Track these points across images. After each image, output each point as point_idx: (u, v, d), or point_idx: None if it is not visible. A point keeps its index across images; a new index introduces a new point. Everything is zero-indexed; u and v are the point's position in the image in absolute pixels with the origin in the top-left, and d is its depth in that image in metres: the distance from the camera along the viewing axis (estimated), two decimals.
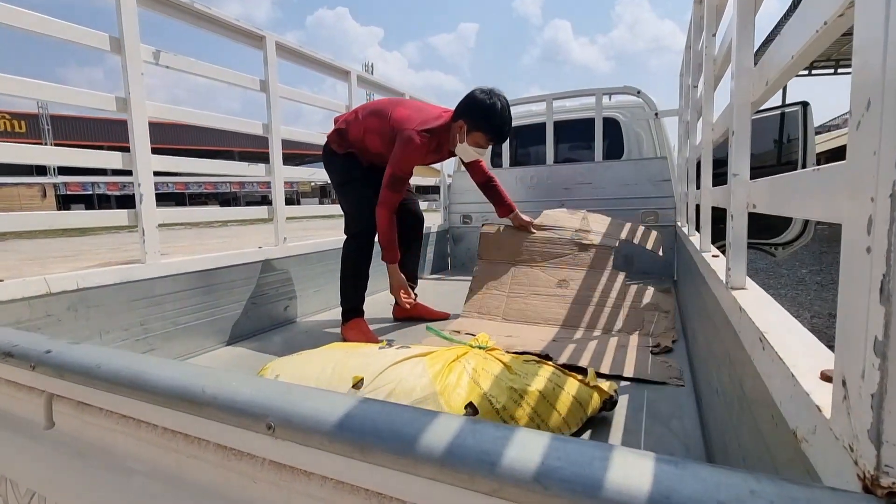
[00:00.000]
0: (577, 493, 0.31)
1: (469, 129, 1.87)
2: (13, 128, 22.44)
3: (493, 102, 1.82)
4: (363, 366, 1.06)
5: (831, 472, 0.34)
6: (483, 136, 1.87)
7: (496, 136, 1.89)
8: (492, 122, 1.84)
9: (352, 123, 2.00)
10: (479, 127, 1.86)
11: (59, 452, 0.71)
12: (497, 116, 1.83)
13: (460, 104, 1.90)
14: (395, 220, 1.91)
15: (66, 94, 1.49)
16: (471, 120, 1.85)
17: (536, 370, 1.09)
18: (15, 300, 1.32)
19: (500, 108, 1.83)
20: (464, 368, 1.05)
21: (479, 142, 1.89)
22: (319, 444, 0.41)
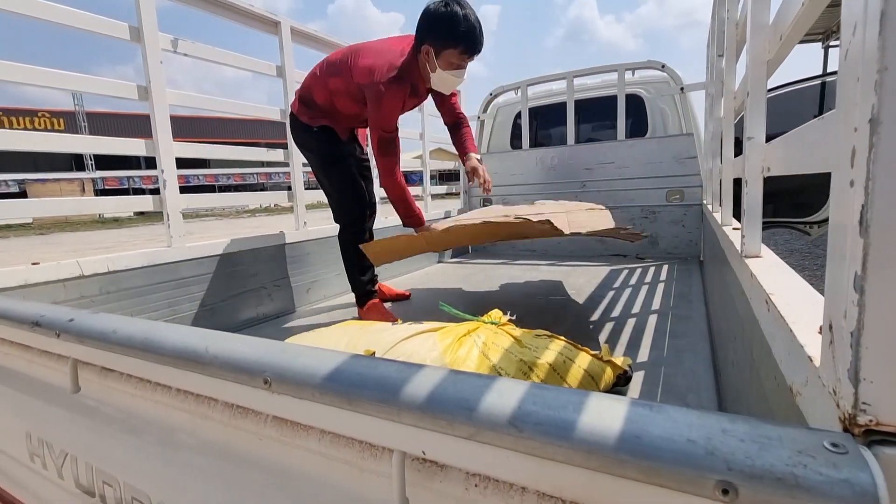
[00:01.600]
0: (549, 435, 0.31)
1: (437, 50, 1.62)
2: (53, 125, 23.52)
3: (452, 9, 1.57)
4: (375, 341, 1.08)
5: (818, 420, 0.33)
6: (454, 53, 1.62)
7: (468, 45, 1.61)
8: (458, 31, 1.58)
9: (314, 87, 1.81)
10: (446, 44, 1.61)
11: (86, 416, 0.76)
12: (461, 21, 1.57)
13: (418, 27, 1.65)
14: (401, 177, 1.79)
15: (91, 84, 1.55)
16: (435, 39, 1.61)
17: (547, 344, 1.09)
18: (50, 282, 1.40)
19: (461, 13, 1.57)
20: (474, 342, 1.06)
21: (453, 60, 1.64)
22: (311, 397, 0.43)
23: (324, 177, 1.91)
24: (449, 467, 0.40)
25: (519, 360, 1.02)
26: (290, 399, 0.45)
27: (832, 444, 0.26)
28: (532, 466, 0.33)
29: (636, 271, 2.71)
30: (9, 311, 0.80)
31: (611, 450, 0.29)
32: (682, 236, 3.13)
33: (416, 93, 1.77)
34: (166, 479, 0.66)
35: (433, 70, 1.66)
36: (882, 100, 0.24)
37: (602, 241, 3.35)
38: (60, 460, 0.81)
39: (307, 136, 1.87)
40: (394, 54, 1.68)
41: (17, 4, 1.33)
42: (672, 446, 0.28)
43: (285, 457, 0.54)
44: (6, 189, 21.72)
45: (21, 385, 0.89)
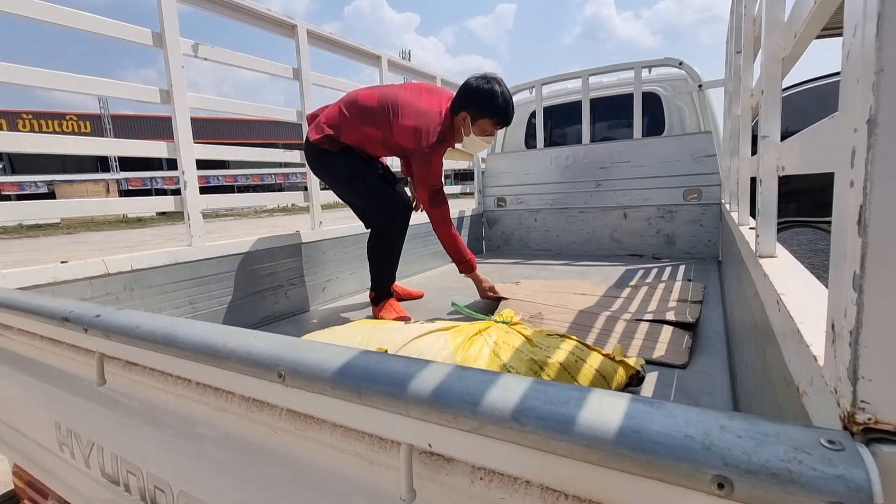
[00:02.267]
0: (550, 429, 0.32)
1: (473, 118, 1.86)
2: (80, 128, 24.28)
3: (492, 87, 1.83)
4: (387, 339, 1.09)
5: (822, 419, 0.33)
6: (489, 122, 1.87)
7: (502, 119, 1.88)
8: (496, 106, 1.84)
9: (344, 128, 1.90)
10: (483, 114, 1.85)
11: (111, 408, 0.79)
12: (499, 98, 1.83)
13: (459, 95, 1.88)
14: (453, 226, 1.99)
15: (117, 89, 1.60)
16: (474, 109, 1.85)
17: (558, 343, 1.09)
18: (78, 279, 1.45)
19: (499, 90, 1.84)
20: (485, 341, 1.07)
21: (486, 129, 1.88)
22: (323, 390, 0.44)
23: (348, 191, 2.02)
24: (455, 461, 0.41)
25: (530, 360, 1.02)
26: (303, 392, 0.46)
27: (829, 441, 0.26)
28: (534, 460, 0.34)
29: (652, 271, 2.68)
30: (40, 306, 0.84)
31: (610, 444, 0.29)
32: (699, 236, 3.08)
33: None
34: (186, 469, 0.69)
35: (467, 134, 1.89)
36: (879, 101, 0.24)
37: (618, 240, 3.32)
38: (87, 450, 0.85)
39: (327, 157, 1.94)
40: (434, 116, 1.86)
41: (54, 15, 1.40)
42: (670, 441, 0.28)
43: (299, 449, 0.55)
44: (36, 190, 22.49)
45: (51, 378, 0.93)
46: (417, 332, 1.11)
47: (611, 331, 1.54)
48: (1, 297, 0.95)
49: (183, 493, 0.68)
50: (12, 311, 0.91)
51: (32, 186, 22.54)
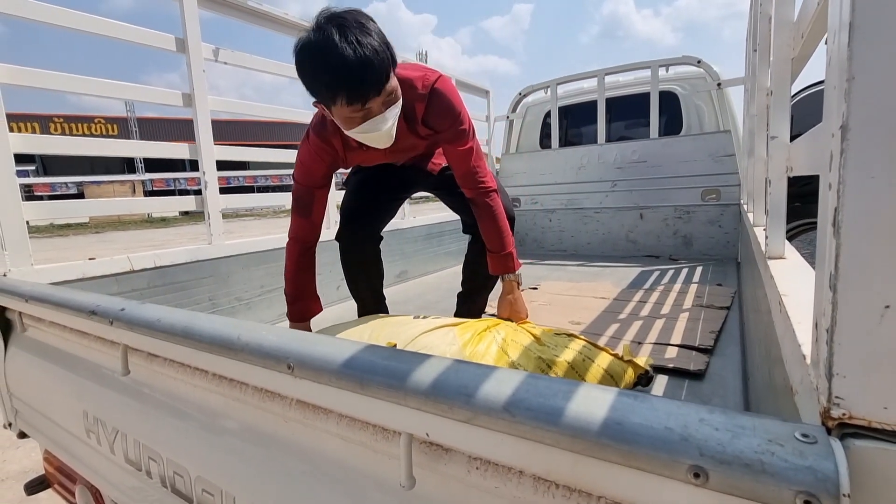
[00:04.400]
0: (539, 420, 0.33)
1: (325, 109, 1.08)
2: (108, 131, 25.09)
3: (297, 44, 0.99)
4: (396, 334, 1.11)
5: (808, 417, 0.34)
6: (334, 107, 1.03)
7: (326, 93, 0.99)
8: (306, 78, 1.01)
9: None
10: (315, 97, 1.05)
11: (134, 397, 0.83)
12: (302, 61, 0.99)
13: None
14: (303, 262, 1.40)
15: (143, 93, 1.67)
16: (309, 93, 1.05)
17: (567, 343, 1.10)
18: (105, 276, 1.52)
19: (304, 44, 0.97)
20: (493, 338, 1.08)
21: (341, 115, 1.04)
22: (329, 381, 0.47)
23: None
24: (453, 451, 0.43)
25: (537, 358, 1.03)
26: (311, 384, 0.49)
27: (802, 435, 0.27)
28: (524, 449, 0.35)
29: (668, 272, 2.65)
30: (70, 300, 0.89)
31: (593, 434, 0.31)
32: (718, 237, 3.02)
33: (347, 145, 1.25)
34: (203, 456, 0.72)
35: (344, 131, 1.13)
36: (850, 108, 0.25)
37: (634, 241, 3.28)
38: (112, 437, 0.89)
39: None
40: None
41: (87, 24, 1.47)
42: (650, 432, 0.29)
43: (308, 438, 0.58)
44: (66, 190, 23.31)
45: (79, 368, 0.99)
46: (426, 327, 1.12)
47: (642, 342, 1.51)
48: (34, 291, 1.01)
49: (200, 478, 0.71)
50: (44, 305, 0.96)
51: (63, 187, 23.36)
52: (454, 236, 3.33)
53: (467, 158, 1.31)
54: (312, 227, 1.36)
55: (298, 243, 1.37)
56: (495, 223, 1.37)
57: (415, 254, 2.95)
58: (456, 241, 3.36)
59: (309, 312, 1.42)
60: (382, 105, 1.05)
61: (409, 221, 2.86)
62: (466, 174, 1.34)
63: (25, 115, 22.57)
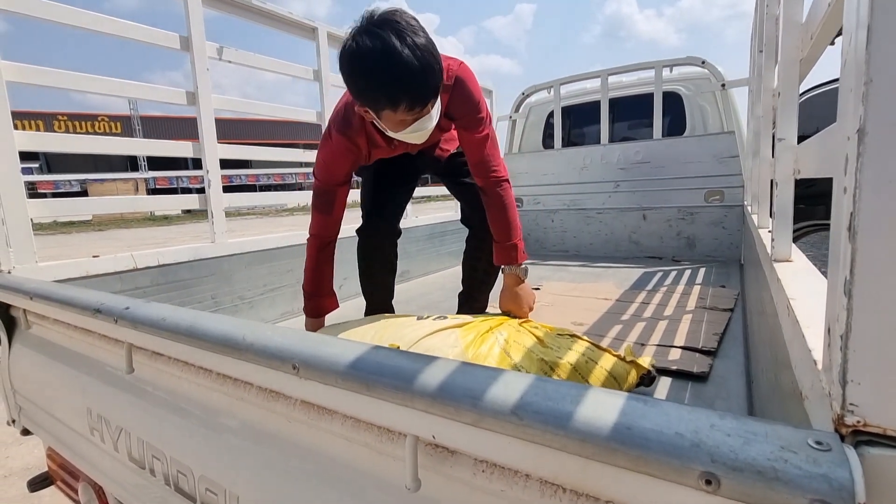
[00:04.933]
0: (547, 423, 0.33)
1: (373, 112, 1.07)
2: (111, 128, 25.18)
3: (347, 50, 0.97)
4: (400, 336, 1.11)
5: (819, 423, 0.34)
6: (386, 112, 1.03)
7: (387, 102, 0.99)
8: (364, 87, 1.00)
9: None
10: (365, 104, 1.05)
11: (138, 395, 0.83)
12: (358, 69, 0.97)
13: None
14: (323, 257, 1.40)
15: (145, 91, 1.67)
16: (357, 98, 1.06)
17: (570, 344, 1.10)
18: (109, 273, 1.52)
19: (357, 51, 0.95)
20: (496, 340, 1.08)
21: (396, 118, 1.05)
22: (335, 383, 0.46)
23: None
24: (458, 453, 0.43)
25: (540, 360, 1.03)
26: (316, 384, 0.48)
27: (816, 442, 0.27)
28: (532, 453, 0.35)
29: (671, 274, 2.64)
30: (74, 298, 0.89)
31: (603, 439, 0.31)
32: (721, 238, 3.01)
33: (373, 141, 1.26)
34: (207, 455, 0.72)
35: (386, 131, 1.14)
36: (868, 111, 0.25)
37: (637, 242, 3.28)
38: (116, 435, 0.89)
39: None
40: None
41: (91, 22, 1.47)
42: (660, 438, 0.29)
43: (312, 438, 0.58)
44: (69, 188, 23.40)
45: (83, 366, 0.99)
46: (429, 329, 1.12)
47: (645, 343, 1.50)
48: (38, 288, 1.01)
49: (204, 477, 0.71)
50: (49, 302, 0.96)
51: (66, 185, 23.45)
52: (456, 236, 3.33)
53: (482, 146, 1.32)
54: (333, 223, 1.37)
55: (319, 239, 1.37)
56: (504, 213, 1.36)
57: (417, 253, 2.95)
58: (458, 242, 3.36)
59: (325, 308, 1.43)
60: (431, 104, 1.06)
61: (411, 221, 2.86)
62: (480, 162, 1.34)
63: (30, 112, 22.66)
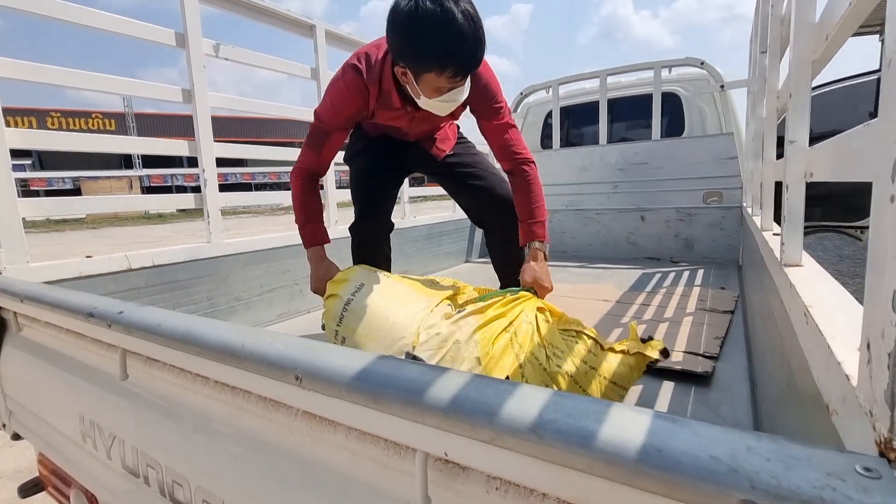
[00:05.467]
0: (570, 443, 0.31)
1: (412, 72, 1.10)
2: (105, 126, 24.97)
3: (404, 9, 1.01)
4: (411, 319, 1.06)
5: (854, 442, 0.32)
6: (430, 75, 1.07)
7: (436, 64, 1.04)
8: (415, 47, 1.04)
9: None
10: (410, 64, 1.09)
11: (132, 402, 0.81)
12: (415, 30, 1.01)
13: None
14: (308, 188, 1.39)
15: (140, 88, 1.64)
16: (402, 58, 1.09)
17: (573, 347, 1.08)
18: (102, 274, 1.49)
19: (415, 12, 0.99)
20: (510, 342, 1.06)
21: (436, 84, 1.09)
22: (339, 394, 0.44)
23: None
24: (470, 469, 0.41)
25: (543, 370, 1.02)
26: (320, 396, 0.46)
27: (865, 469, 0.25)
28: (552, 473, 0.33)
29: (670, 275, 2.63)
30: (66, 301, 0.86)
31: (631, 461, 0.29)
32: (719, 240, 3.01)
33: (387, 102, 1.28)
34: (204, 465, 0.70)
35: (416, 96, 1.17)
36: None
37: (635, 243, 3.27)
38: (109, 442, 0.87)
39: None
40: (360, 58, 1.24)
41: (87, 18, 1.44)
42: (694, 462, 0.27)
43: (314, 450, 0.56)
44: (63, 186, 23.17)
45: (75, 370, 0.96)
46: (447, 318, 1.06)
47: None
48: (29, 291, 0.98)
49: (200, 488, 0.69)
50: (40, 305, 0.93)
51: (59, 182, 23.22)
52: (454, 236, 3.31)
53: (504, 132, 1.36)
54: (320, 162, 1.37)
55: (304, 172, 1.38)
56: (529, 194, 1.40)
57: (415, 253, 2.93)
58: (455, 242, 3.34)
59: (320, 233, 1.44)
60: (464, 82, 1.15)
61: (409, 221, 2.83)
62: (503, 147, 1.37)
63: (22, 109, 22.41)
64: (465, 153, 1.66)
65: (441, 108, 1.19)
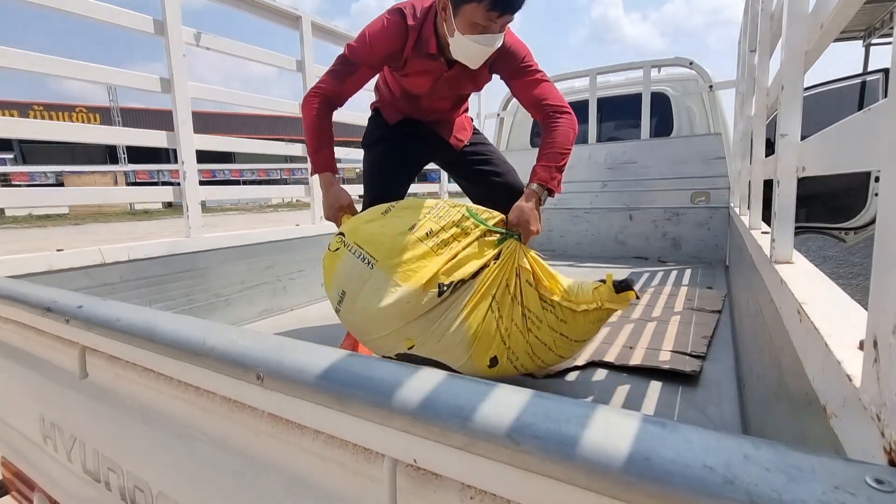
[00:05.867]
0: (549, 450, 0.28)
1: (453, 3, 1.15)
2: (89, 120, 24.43)
3: None
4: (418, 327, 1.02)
5: (858, 447, 0.29)
6: (471, 5, 1.12)
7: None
8: None
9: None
10: None
11: (95, 402, 0.76)
12: None
13: None
14: (324, 112, 1.31)
15: (117, 76, 1.58)
16: None
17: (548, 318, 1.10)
18: (74, 269, 1.43)
19: None
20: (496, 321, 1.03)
21: (473, 19, 1.13)
22: (303, 395, 0.41)
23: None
24: (443, 477, 0.37)
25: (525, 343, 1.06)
26: (283, 396, 0.43)
27: (876, 481, 0.22)
28: (531, 483, 0.30)
29: (657, 274, 2.63)
30: (24, 295, 0.81)
31: (617, 471, 0.26)
32: (707, 240, 3.02)
33: (421, 51, 1.29)
34: (166, 470, 0.66)
35: (451, 33, 1.20)
36: None
37: (623, 242, 3.27)
38: (70, 444, 0.82)
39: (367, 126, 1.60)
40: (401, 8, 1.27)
41: (62, 2, 1.38)
42: (686, 472, 0.24)
43: (281, 454, 0.52)
44: (45, 180, 22.65)
45: (36, 368, 0.91)
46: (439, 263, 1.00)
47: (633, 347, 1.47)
48: None
49: (162, 494, 0.65)
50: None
51: (42, 177, 22.69)
52: None
53: (533, 87, 1.35)
54: (340, 93, 1.33)
55: (322, 96, 1.30)
56: (548, 137, 1.34)
57: None
58: None
59: (332, 161, 1.36)
60: (502, 27, 1.17)
61: None
62: (534, 101, 1.36)
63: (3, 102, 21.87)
64: (482, 145, 1.63)
65: (473, 50, 1.20)
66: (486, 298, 1.05)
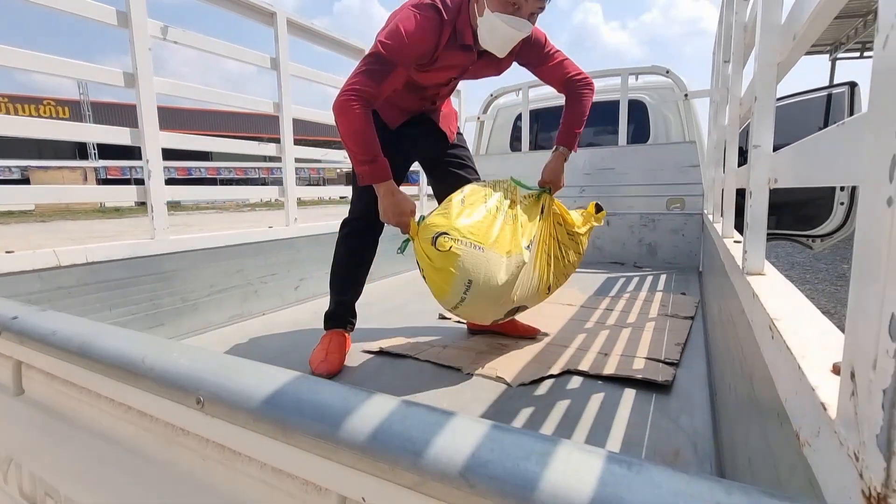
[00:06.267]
0: (506, 494, 0.25)
1: None
2: (57, 113, 23.50)
3: None
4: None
5: (834, 485, 0.28)
6: None
7: None
8: None
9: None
10: None
11: (31, 420, 0.70)
12: None
13: None
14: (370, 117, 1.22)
15: (80, 70, 1.50)
16: None
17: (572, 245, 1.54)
18: (25, 272, 1.34)
19: None
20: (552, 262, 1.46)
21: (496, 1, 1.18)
22: (245, 423, 0.37)
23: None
24: None
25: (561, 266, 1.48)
26: (224, 423, 0.39)
27: None
28: None
29: (633, 280, 2.65)
30: None
31: None
32: (681, 246, 3.07)
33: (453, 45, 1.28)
34: (109, 495, 0.61)
35: (480, 13, 1.21)
36: None
37: (600, 248, 3.29)
38: (5, 465, 0.76)
39: None
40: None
41: None
42: None
43: (229, 480, 0.48)
44: (9, 175, 21.69)
45: None
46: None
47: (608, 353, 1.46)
48: None
49: None
50: None
51: (6, 172, 21.73)
52: None
53: (558, 69, 1.49)
54: (377, 95, 1.24)
55: (363, 98, 1.20)
56: (581, 107, 1.53)
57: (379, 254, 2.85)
58: None
59: (388, 166, 1.28)
60: (532, 15, 1.23)
61: None
62: (563, 80, 1.52)
63: None
64: (462, 148, 1.70)
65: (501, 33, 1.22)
66: (545, 246, 1.42)
